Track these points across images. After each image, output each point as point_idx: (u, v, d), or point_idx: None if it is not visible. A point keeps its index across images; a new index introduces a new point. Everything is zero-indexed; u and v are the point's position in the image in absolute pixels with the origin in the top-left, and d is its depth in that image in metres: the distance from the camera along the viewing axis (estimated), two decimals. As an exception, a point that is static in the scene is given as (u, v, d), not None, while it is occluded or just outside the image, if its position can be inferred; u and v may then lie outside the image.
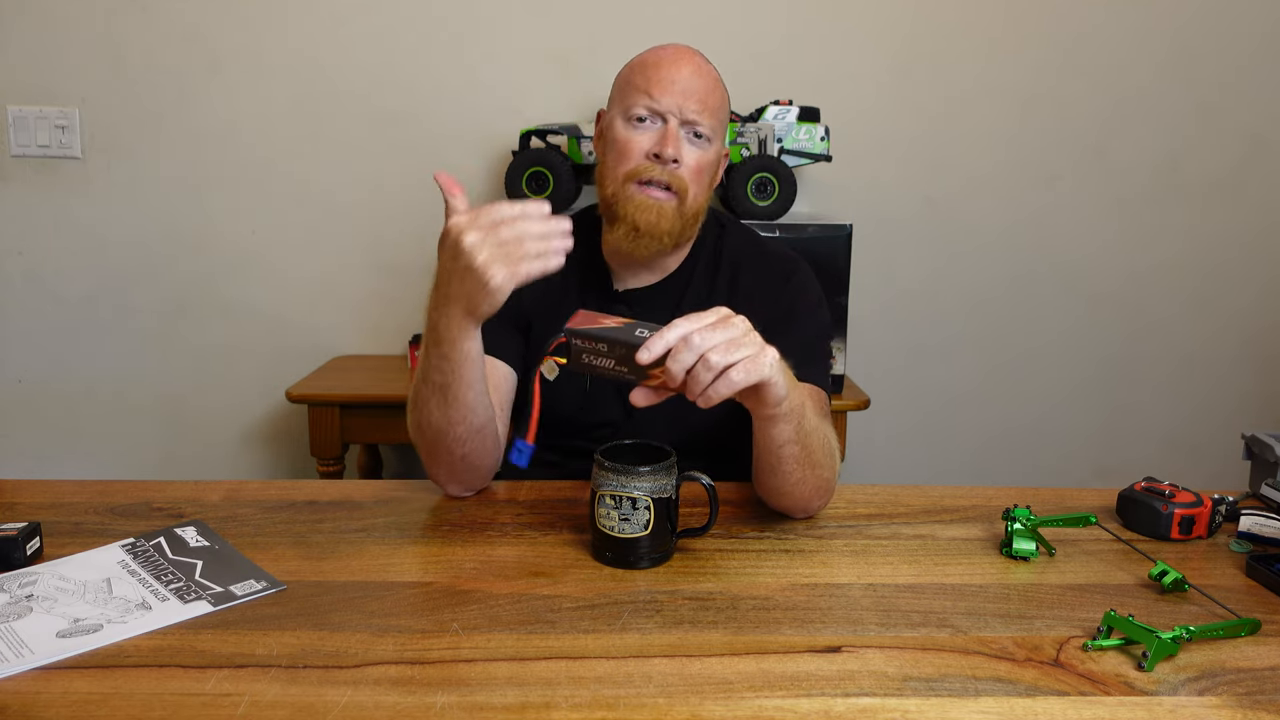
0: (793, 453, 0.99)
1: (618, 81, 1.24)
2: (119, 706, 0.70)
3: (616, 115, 1.21)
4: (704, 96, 1.17)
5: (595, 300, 1.24)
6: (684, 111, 1.16)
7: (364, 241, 2.34)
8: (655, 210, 1.16)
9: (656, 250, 1.19)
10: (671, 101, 1.16)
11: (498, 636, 0.82)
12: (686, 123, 1.17)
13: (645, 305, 1.24)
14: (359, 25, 2.26)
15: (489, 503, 1.13)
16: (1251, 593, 0.94)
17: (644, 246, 1.17)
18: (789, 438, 0.97)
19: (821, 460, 1.03)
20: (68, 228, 2.31)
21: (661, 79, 1.17)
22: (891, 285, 2.42)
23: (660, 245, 1.18)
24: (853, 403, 2.08)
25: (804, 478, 1.02)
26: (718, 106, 1.20)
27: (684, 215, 1.18)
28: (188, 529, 1.02)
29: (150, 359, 2.38)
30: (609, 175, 1.20)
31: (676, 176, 1.16)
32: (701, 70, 1.19)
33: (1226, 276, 2.48)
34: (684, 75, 1.17)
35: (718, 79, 1.22)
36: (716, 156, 1.22)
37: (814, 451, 1.01)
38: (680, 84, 1.16)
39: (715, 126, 1.20)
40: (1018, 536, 1.00)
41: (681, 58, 1.19)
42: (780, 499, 1.07)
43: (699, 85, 1.17)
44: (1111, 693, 0.75)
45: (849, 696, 0.74)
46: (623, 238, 1.17)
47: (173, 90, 2.26)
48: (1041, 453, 2.54)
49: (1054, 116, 2.37)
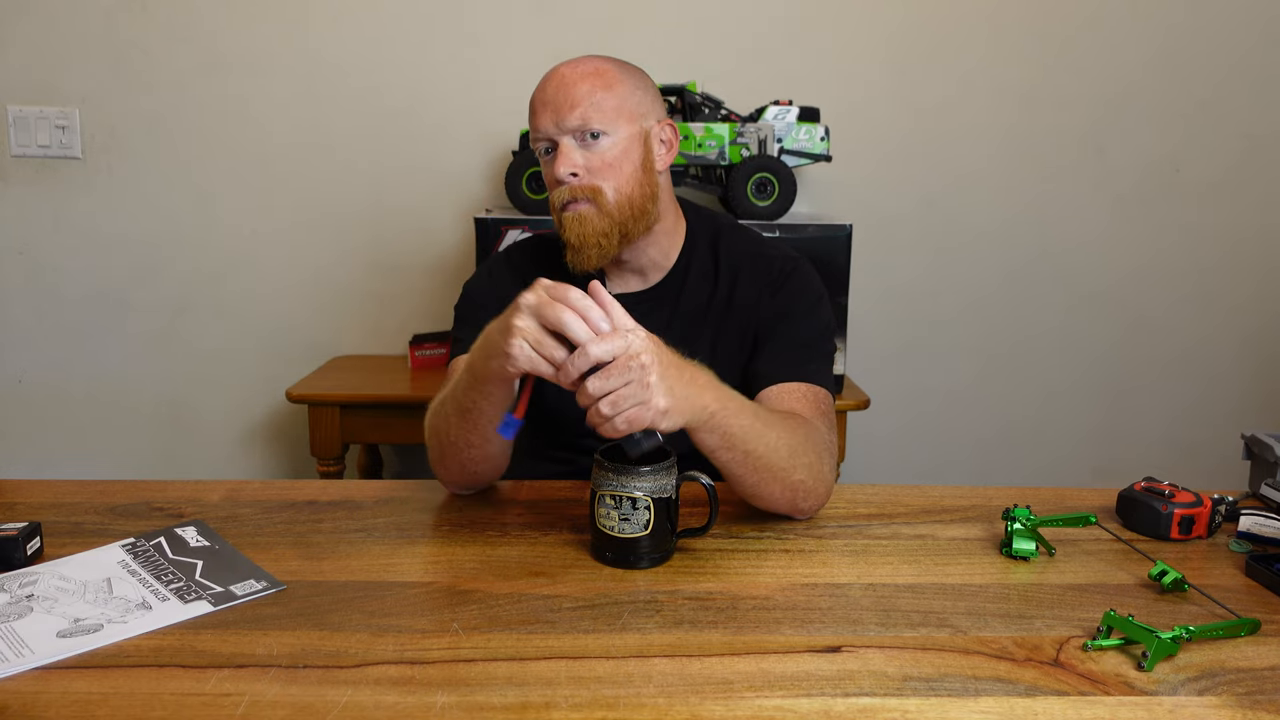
0: (728, 458, 1.00)
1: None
2: (119, 706, 0.71)
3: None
4: (575, 99, 1.15)
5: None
6: (563, 125, 1.15)
7: (364, 241, 2.34)
8: (577, 221, 1.17)
9: (601, 255, 1.18)
10: (548, 122, 1.16)
11: (498, 636, 0.82)
12: (572, 132, 1.16)
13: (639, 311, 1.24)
14: (359, 25, 2.26)
15: (489, 503, 1.13)
16: (1251, 592, 0.94)
17: (586, 258, 1.17)
18: (716, 445, 0.99)
19: (777, 464, 1.03)
20: (68, 228, 2.31)
21: (535, 109, 1.18)
22: (891, 285, 2.42)
23: (601, 249, 1.18)
24: (853, 402, 2.08)
25: (759, 481, 1.03)
26: (602, 95, 1.16)
27: (609, 210, 1.17)
28: (188, 529, 1.02)
29: (150, 359, 2.38)
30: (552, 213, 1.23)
31: (582, 186, 1.17)
32: (569, 74, 1.17)
33: (1226, 275, 2.48)
34: (551, 92, 1.16)
35: (596, 68, 1.18)
36: (630, 141, 1.18)
37: (763, 455, 1.01)
38: (551, 102, 1.16)
39: (605, 117, 1.16)
40: (1018, 536, 1.00)
41: (548, 77, 1.18)
42: (753, 501, 1.08)
43: (567, 92, 1.16)
44: (1111, 693, 0.75)
45: (849, 696, 0.74)
46: (570, 260, 1.18)
47: (173, 90, 2.26)
48: (1041, 452, 2.54)
49: (1052, 115, 2.37)
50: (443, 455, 1.11)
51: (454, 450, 1.09)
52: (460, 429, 1.06)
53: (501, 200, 2.31)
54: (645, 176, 1.20)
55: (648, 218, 1.21)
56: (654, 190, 1.21)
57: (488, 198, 2.33)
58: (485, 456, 1.09)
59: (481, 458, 1.09)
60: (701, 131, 2.06)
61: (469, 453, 1.08)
